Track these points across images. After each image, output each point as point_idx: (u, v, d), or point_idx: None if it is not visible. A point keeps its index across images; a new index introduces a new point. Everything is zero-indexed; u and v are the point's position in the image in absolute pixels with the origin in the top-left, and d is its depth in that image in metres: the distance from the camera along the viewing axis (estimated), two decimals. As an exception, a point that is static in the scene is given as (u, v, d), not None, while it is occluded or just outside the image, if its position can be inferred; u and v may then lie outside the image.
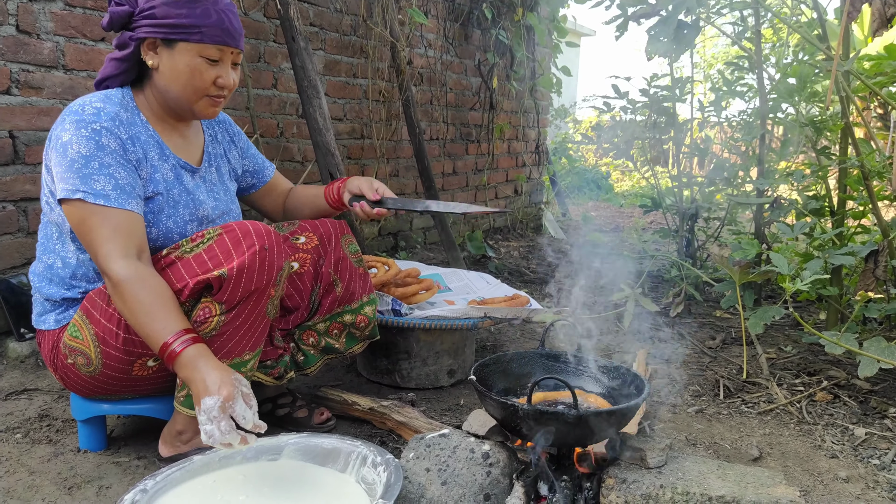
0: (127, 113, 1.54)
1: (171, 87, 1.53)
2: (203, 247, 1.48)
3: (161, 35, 1.48)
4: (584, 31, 13.82)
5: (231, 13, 1.53)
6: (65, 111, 1.49)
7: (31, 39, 2.32)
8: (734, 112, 16.18)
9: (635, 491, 1.34)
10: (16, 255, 2.37)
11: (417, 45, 4.24)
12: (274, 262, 1.48)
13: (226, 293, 1.44)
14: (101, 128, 1.45)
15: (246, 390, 1.34)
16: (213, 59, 1.51)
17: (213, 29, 1.49)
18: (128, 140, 1.50)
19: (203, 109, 1.57)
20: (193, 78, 1.51)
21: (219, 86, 1.54)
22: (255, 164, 1.89)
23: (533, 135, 5.83)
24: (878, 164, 2.50)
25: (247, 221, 1.51)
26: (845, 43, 2.40)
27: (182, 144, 1.65)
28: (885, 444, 1.88)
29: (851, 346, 2.08)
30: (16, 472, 1.61)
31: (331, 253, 1.83)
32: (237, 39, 1.54)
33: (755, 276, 2.42)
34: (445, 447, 1.44)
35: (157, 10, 1.47)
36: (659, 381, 2.32)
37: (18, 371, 2.21)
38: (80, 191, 1.42)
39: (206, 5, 1.48)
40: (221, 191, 1.74)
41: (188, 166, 1.64)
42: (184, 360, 1.36)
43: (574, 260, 2.04)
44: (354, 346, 1.91)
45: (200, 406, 1.30)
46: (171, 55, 1.50)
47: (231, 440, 1.28)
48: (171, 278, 1.47)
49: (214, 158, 1.75)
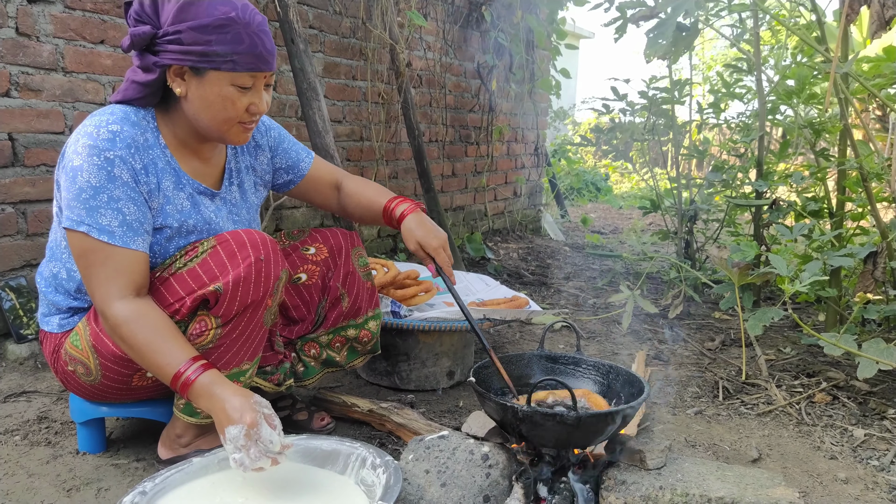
0: (146, 136, 1.46)
1: (200, 117, 1.44)
2: (197, 260, 1.44)
3: (189, 63, 1.37)
4: (583, 33, 13.84)
5: (264, 34, 1.41)
6: (81, 127, 1.41)
7: (30, 42, 2.32)
8: (733, 114, 16.17)
9: (634, 492, 1.34)
10: (15, 258, 2.36)
11: (416, 48, 4.24)
12: (271, 273, 1.45)
13: (222, 307, 1.41)
14: (114, 157, 1.38)
15: (267, 411, 1.30)
16: (246, 87, 1.42)
17: (246, 56, 1.38)
18: (142, 170, 1.43)
19: (235, 136, 1.49)
20: (225, 108, 1.42)
21: (251, 112, 1.45)
22: (288, 160, 1.77)
23: (532, 137, 5.83)
24: (876, 165, 2.50)
25: (242, 231, 1.46)
26: (844, 45, 2.41)
27: (202, 168, 1.57)
28: (884, 446, 1.88)
29: (850, 347, 2.08)
30: (14, 475, 1.60)
31: (340, 266, 1.79)
32: (270, 63, 1.43)
33: (754, 278, 2.42)
34: (445, 449, 1.44)
35: (183, 35, 1.35)
36: (658, 383, 2.33)
37: (17, 373, 2.21)
38: (85, 223, 1.36)
39: (237, 29, 1.36)
40: (244, 209, 1.67)
41: (207, 191, 1.57)
42: (199, 390, 1.33)
43: (573, 262, 2.04)
44: (355, 360, 1.88)
45: (225, 435, 1.26)
46: (200, 84, 1.40)
47: (262, 465, 1.26)
48: (166, 295, 1.43)
49: (237, 174, 1.66)
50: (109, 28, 2.54)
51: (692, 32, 2.72)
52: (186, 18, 1.36)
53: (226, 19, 1.36)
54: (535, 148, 5.89)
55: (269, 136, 1.74)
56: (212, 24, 1.35)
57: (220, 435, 1.29)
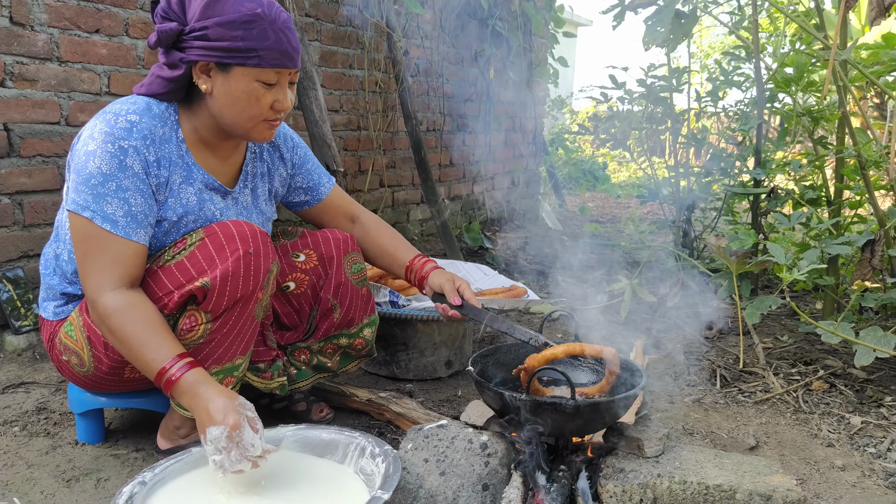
0: (164, 128, 1.46)
1: (225, 113, 1.44)
2: (185, 253, 1.43)
3: (215, 59, 1.38)
4: (581, 21, 13.79)
5: (289, 31, 1.42)
6: (101, 113, 1.42)
7: (24, 31, 2.30)
8: (731, 102, 16.16)
9: (633, 480, 1.34)
10: (11, 249, 2.36)
11: (414, 36, 4.22)
12: (260, 266, 1.43)
13: (210, 302, 1.40)
14: (128, 146, 1.38)
15: (251, 414, 1.29)
16: (271, 83, 1.42)
17: (272, 52, 1.39)
18: (154, 162, 1.42)
19: (260, 134, 1.48)
20: (250, 104, 1.42)
21: (276, 109, 1.45)
22: (308, 181, 1.77)
23: (530, 125, 5.82)
24: (874, 153, 2.50)
25: (230, 222, 1.45)
26: (843, 32, 2.40)
27: (218, 165, 1.56)
28: (880, 433, 1.89)
29: (848, 335, 2.08)
30: (14, 465, 1.61)
31: (331, 277, 1.72)
32: (295, 60, 1.44)
33: (752, 266, 2.42)
34: (444, 438, 1.45)
35: (210, 31, 1.37)
36: (656, 371, 2.33)
37: (15, 364, 2.21)
38: (90, 209, 1.36)
39: (263, 25, 1.37)
40: (255, 213, 1.65)
41: (221, 188, 1.56)
42: (183, 387, 1.32)
43: (571, 251, 2.04)
44: (348, 365, 1.83)
45: (206, 435, 1.25)
46: (225, 80, 1.41)
47: (243, 468, 1.26)
48: (154, 288, 1.42)
49: (252, 178, 1.65)
50: (104, 17, 2.52)
51: (691, 19, 2.71)
52: (213, 15, 1.37)
53: (252, 15, 1.37)
54: (533, 137, 5.87)
55: (294, 154, 1.75)
56: (238, 20, 1.37)
57: (201, 435, 1.28)
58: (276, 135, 1.71)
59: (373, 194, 4.01)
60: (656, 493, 1.33)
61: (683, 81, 3.51)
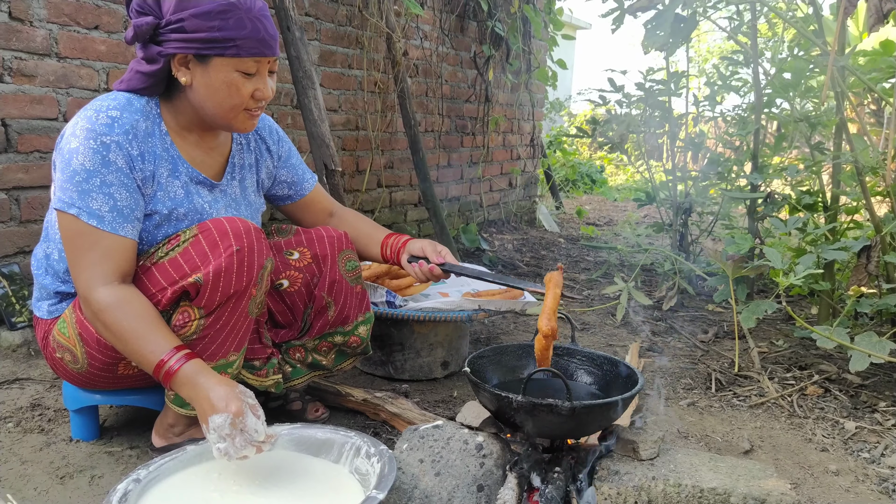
0: (147, 122, 1.46)
1: (206, 105, 1.45)
2: (179, 250, 1.42)
3: (193, 50, 1.39)
4: (580, 23, 13.80)
5: (265, 18, 1.42)
6: (82, 110, 1.42)
7: (23, 27, 2.30)
8: (729, 107, 16.15)
9: (627, 483, 1.35)
10: (8, 245, 2.35)
11: (413, 37, 4.22)
12: (254, 262, 1.43)
13: (203, 298, 1.40)
14: (110, 142, 1.38)
15: (252, 401, 1.30)
16: (250, 73, 1.43)
17: (249, 41, 1.39)
18: (138, 157, 1.42)
19: (241, 124, 1.49)
20: (231, 94, 1.43)
21: (256, 98, 1.46)
22: (293, 175, 1.79)
23: (528, 128, 5.83)
24: (871, 159, 2.50)
25: (224, 219, 1.44)
26: (841, 38, 2.40)
27: (203, 158, 1.57)
28: (874, 438, 1.89)
29: (843, 340, 2.09)
30: (7, 462, 1.60)
31: (326, 274, 1.72)
32: (273, 47, 1.44)
33: (748, 271, 2.43)
34: (439, 438, 1.45)
35: (186, 22, 1.37)
36: (651, 374, 2.34)
37: (10, 360, 2.20)
38: (76, 206, 1.36)
39: (239, 14, 1.38)
40: (243, 205, 1.65)
41: (206, 181, 1.56)
42: (182, 379, 1.32)
43: (568, 253, 2.04)
44: (344, 363, 1.82)
45: (208, 424, 1.25)
46: (204, 71, 1.41)
47: (247, 453, 1.26)
48: (148, 284, 1.42)
49: (240, 170, 1.65)
50: (104, 13, 2.52)
51: (690, 24, 2.72)
52: (188, 6, 1.37)
53: (227, 5, 1.38)
54: (531, 139, 5.89)
55: (280, 147, 1.76)
56: (214, 10, 1.37)
57: (203, 425, 1.28)
58: (262, 127, 1.72)
59: (370, 194, 4.01)
60: (651, 495, 1.33)
61: (682, 85, 3.52)
